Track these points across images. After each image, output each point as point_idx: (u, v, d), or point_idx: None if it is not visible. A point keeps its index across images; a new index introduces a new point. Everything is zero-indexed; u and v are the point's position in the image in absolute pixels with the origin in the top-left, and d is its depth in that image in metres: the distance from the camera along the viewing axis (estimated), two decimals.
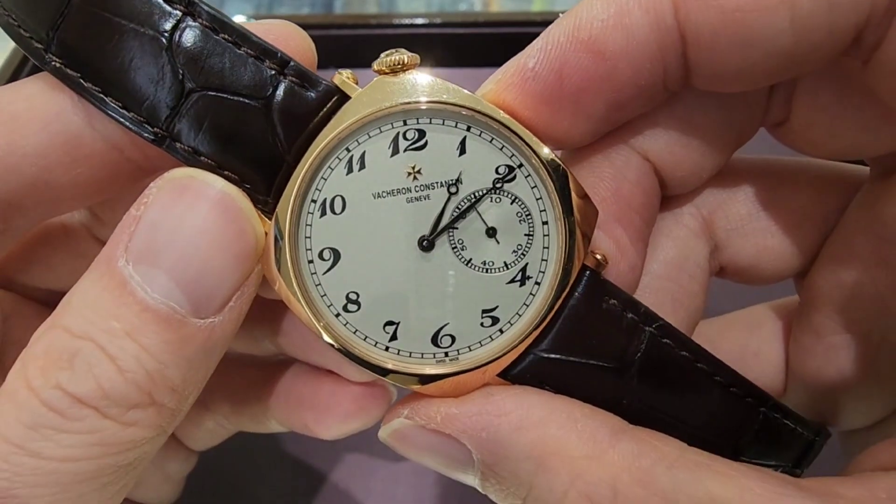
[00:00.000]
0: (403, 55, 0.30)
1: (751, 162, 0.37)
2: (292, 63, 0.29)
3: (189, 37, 0.28)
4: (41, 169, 0.30)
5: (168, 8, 0.28)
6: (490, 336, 0.31)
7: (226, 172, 0.29)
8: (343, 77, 0.30)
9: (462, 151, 0.30)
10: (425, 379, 0.31)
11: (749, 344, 0.40)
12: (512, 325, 0.31)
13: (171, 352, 0.27)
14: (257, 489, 0.56)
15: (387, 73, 0.30)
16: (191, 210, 0.28)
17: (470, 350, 0.31)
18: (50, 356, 0.27)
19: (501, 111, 0.30)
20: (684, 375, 0.32)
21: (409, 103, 0.30)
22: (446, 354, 0.31)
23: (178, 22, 0.28)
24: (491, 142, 0.30)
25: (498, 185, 0.30)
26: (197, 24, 0.28)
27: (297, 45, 0.32)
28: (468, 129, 0.30)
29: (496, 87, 0.30)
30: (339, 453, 0.57)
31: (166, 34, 0.28)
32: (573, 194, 0.30)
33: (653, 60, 0.29)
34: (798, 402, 0.38)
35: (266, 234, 0.30)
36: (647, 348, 0.31)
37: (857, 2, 0.26)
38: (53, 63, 0.29)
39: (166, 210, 0.28)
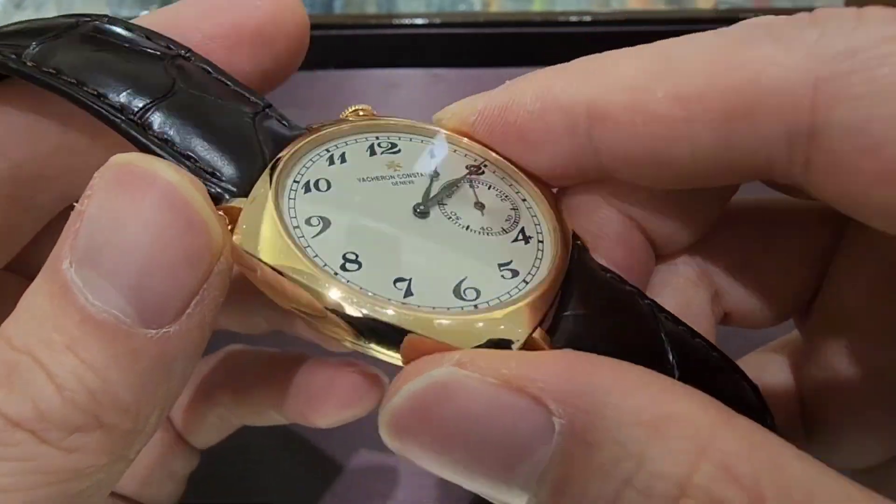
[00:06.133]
0: (367, 108, 0.33)
1: (742, 201, 0.35)
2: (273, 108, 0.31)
3: (187, 68, 0.30)
4: (63, 134, 0.30)
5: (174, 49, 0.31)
6: (517, 287, 0.27)
7: (199, 166, 0.27)
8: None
9: (433, 156, 0.32)
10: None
11: None
12: (533, 276, 0.28)
13: (119, 367, 0.24)
14: (256, 492, 0.55)
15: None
16: (131, 203, 0.24)
17: (500, 301, 0.27)
18: None
19: (464, 138, 0.32)
20: (707, 366, 0.29)
21: (382, 121, 0.33)
22: (476, 307, 0.26)
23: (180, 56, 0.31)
24: (454, 152, 0.33)
25: (472, 175, 0.31)
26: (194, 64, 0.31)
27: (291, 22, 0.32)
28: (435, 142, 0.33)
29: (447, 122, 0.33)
30: (340, 455, 0.57)
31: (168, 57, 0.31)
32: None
33: (570, 159, 0.29)
34: (821, 448, 0.35)
35: (231, 226, 0.27)
36: (668, 331, 0.29)
37: (757, 147, 0.25)
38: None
39: (105, 204, 0.24)
